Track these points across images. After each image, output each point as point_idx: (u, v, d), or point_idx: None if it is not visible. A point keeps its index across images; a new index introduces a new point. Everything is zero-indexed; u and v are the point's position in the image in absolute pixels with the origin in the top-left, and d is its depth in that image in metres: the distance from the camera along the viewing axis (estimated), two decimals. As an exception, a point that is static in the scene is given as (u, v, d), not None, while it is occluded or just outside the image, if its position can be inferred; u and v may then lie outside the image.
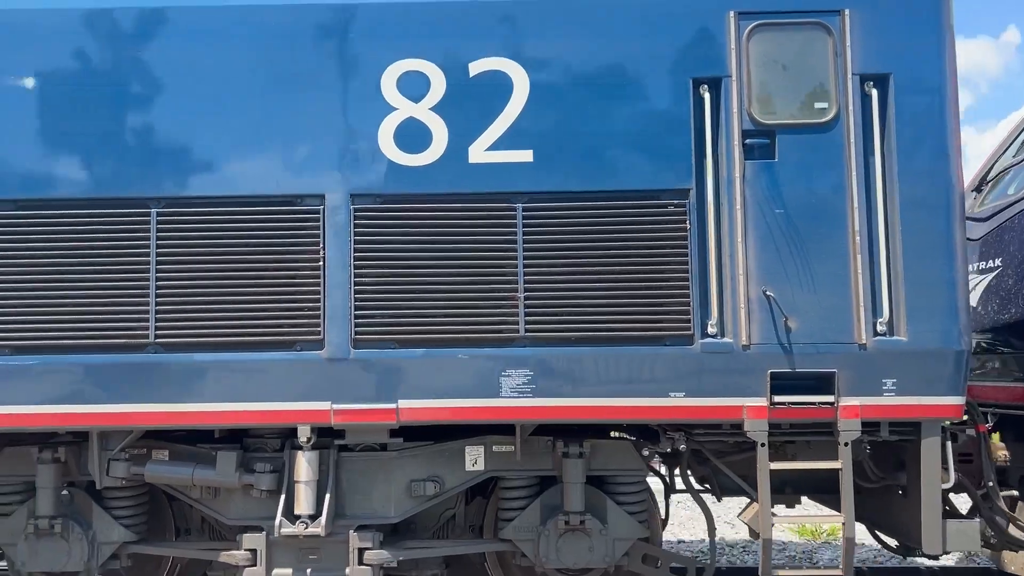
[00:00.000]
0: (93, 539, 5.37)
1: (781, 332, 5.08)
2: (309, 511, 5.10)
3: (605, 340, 5.06)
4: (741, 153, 5.14)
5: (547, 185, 5.14)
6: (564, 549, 5.30)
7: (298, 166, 5.15)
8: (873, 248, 5.12)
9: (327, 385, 5.05)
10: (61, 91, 5.18)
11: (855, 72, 5.19)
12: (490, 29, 5.23)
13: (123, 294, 5.08)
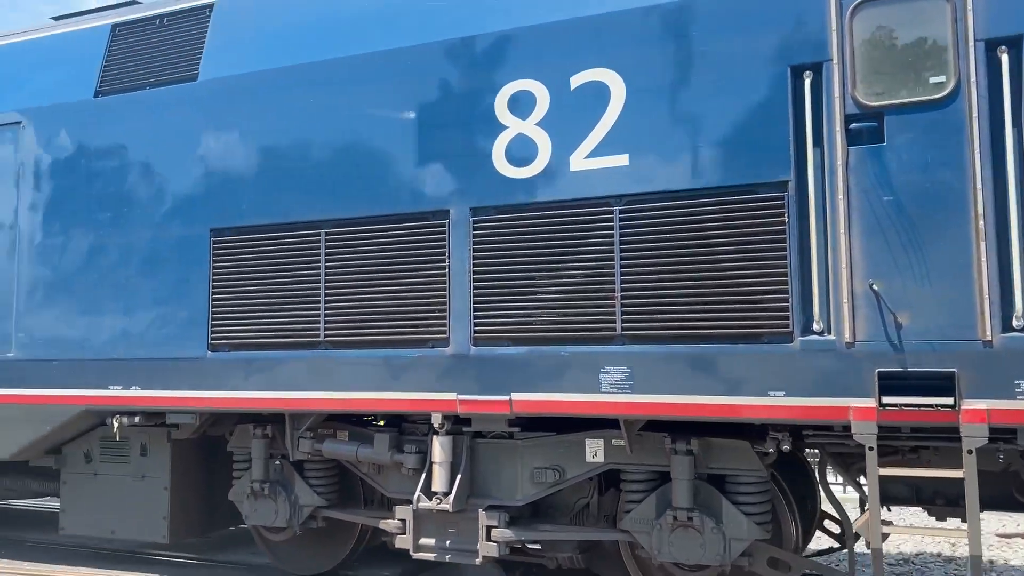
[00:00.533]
0: (295, 502, 6.56)
1: (890, 328, 4.73)
2: (443, 489, 5.78)
3: (701, 338, 5.09)
4: (844, 139, 4.87)
5: (643, 187, 5.30)
6: (676, 544, 5.39)
7: (428, 186, 5.86)
8: (1003, 234, 4.56)
9: (453, 378, 5.69)
10: (257, 144, 6.43)
11: (979, 38, 4.66)
12: (589, 42, 5.51)
13: (298, 302, 6.17)
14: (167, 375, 6.56)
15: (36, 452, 7.32)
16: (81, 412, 6.90)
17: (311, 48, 6.36)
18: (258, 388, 6.29)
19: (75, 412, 6.92)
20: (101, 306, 6.88)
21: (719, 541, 5.32)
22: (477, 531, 5.76)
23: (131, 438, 7.12)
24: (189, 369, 6.49)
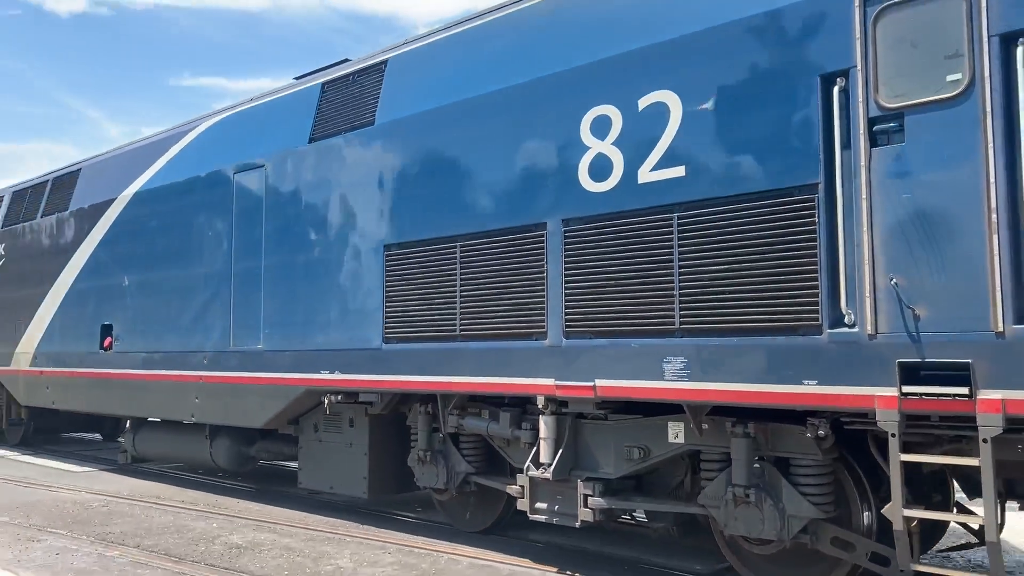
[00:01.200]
0: (451, 468, 7.88)
1: (909, 321, 4.93)
2: (547, 461, 6.76)
3: (746, 331, 5.59)
4: (867, 141, 5.13)
5: (696, 195, 5.88)
6: (740, 518, 5.90)
7: (531, 203, 6.87)
8: (1015, 227, 4.60)
9: (551, 366, 6.66)
10: (413, 174, 7.85)
11: (993, 33, 4.71)
12: (653, 67, 6.19)
13: (441, 303, 7.48)
14: (356, 362, 8.22)
15: (280, 422, 9.40)
16: (304, 392, 8.82)
17: (443, 95, 7.65)
18: (415, 373, 7.71)
19: (300, 391, 8.85)
20: (313, 307, 8.74)
21: (778, 518, 5.76)
22: (576, 498, 6.67)
23: (342, 413, 8.91)
24: (370, 358, 8.09)
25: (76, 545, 7.63)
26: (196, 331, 10.29)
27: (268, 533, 8.13)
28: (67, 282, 12.85)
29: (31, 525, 8.52)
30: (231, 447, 10.52)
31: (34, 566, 6.86)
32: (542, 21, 7.19)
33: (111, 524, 8.61)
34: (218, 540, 7.83)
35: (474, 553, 7.23)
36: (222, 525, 8.53)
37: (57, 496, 10.26)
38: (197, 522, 8.68)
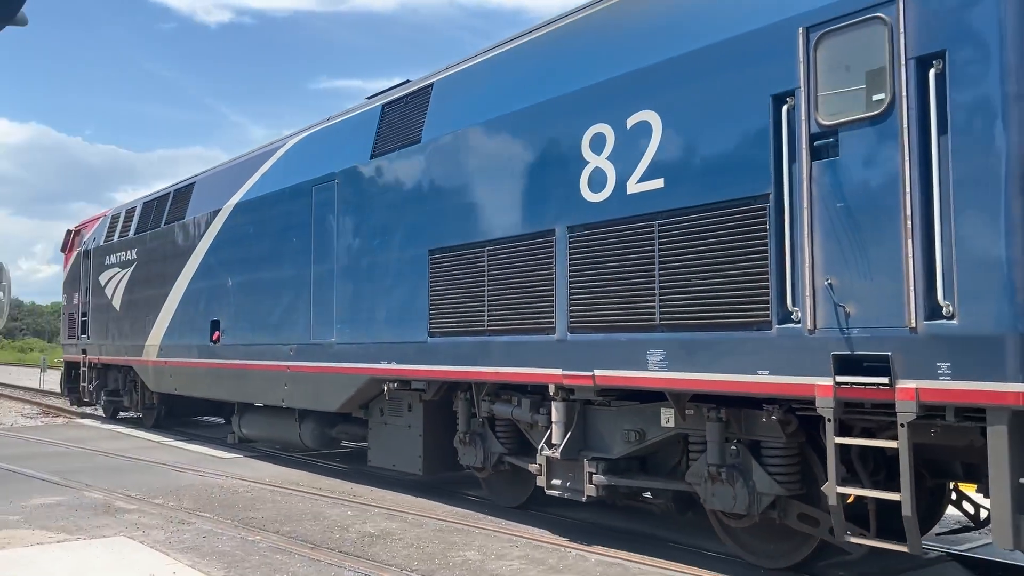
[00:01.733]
0: (488, 449, 8.81)
1: (841, 318, 5.48)
2: (558, 442, 7.58)
3: (713, 326, 6.24)
4: (809, 155, 5.69)
5: (673, 204, 6.55)
6: (717, 494, 6.55)
7: (543, 212, 7.69)
8: (927, 233, 5.08)
9: (559, 358, 7.46)
10: (450, 186, 8.80)
11: (910, 56, 5.21)
12: (638, 89, 6.89)
13: (473, 301, 8.40)
14: (408, 354, 9.27)
15: (352, 406, 10.58)
16: (368, 379, 9.96)
17: (472, 115, 8.57)
18: (454, 363, 8.68)
19: (365, 379, 10.00)
20: (374, 305, 9.86)
21: (747, 495, 6.38)
22: (583, 476, 7.46)
23: (403, 399, 9.99)
24: (417, 350, 9.13)
25: (221, 529, 8.00)
26: (284, 326, 11.64)
27: (399, 522, 8.36)
28: (184, 283, 14.59)
29: (182, 508, 9.09)
30: (315, 429, 11.83)
31: (183, 547, 7.24)
32: (550, 49, 7.99)
33: (254, 509, 9.00)
34: (352, 528, 8.08)
35: (602, 551, 7.18)
36: (356, 513, 8.81)
37: (206, 481, 10.89)
38: (333, 509, 9.00)
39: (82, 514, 8.58)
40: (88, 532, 7.76)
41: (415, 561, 6.87)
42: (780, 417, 6.08)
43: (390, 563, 6.81)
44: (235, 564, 6.70)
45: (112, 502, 9.28)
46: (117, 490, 10.03)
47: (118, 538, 7.53)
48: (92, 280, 18.99)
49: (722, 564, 6.86)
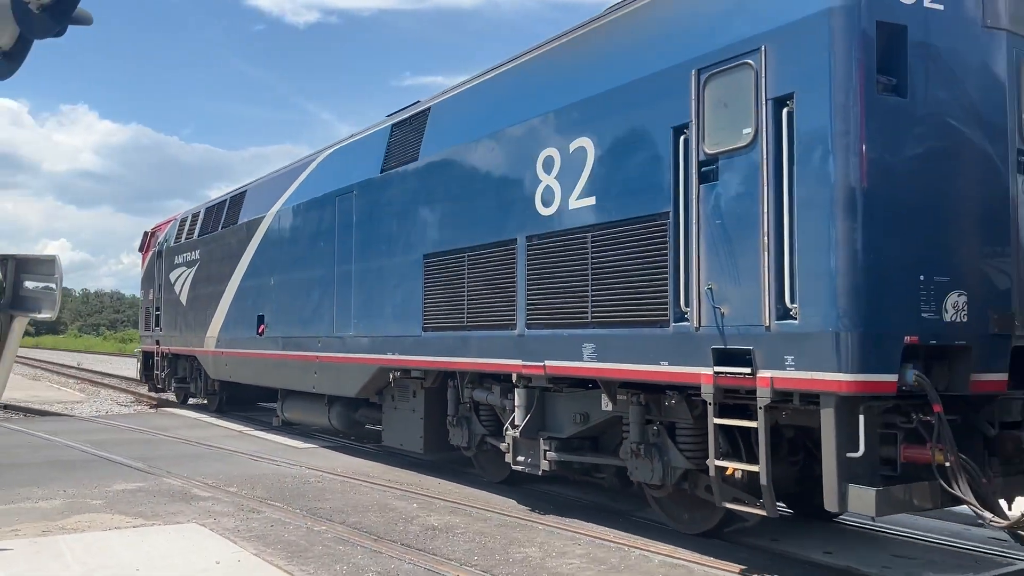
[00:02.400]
0: (472, 430, 10.00)
1: (718, 318, 6.48)
2: (520, 423, 8.72)
3: (629, 323, 7.30)
4: (698, 179, 6.70)
5: (602, 219, 7.63)
6: (639, 467, 7.60)
7: (507, 223, 8.83)
8: (779, 247, 6.05)
9: (519, 351, 8.61)
10: (438, 198, 10.03)
11: (769, 97, 6.17)
12: (578, 118, 7.97)
13: (456, 300, 9.61)
14: (407, 346, 10.55)
15: (368, 392, 11.93)
16: (377, 369, 11.29)
17: (454, 138, 9.77)
18: (442, 355, 9.91)
19: (375, 368, 11.33)
20: (382, 303, 11.18)
21: (661, 468, 7.41)
22: (540, 452, 8.59)
23: (409, 386, 11.27)
24: (414, 342, 10.39)
25: (289, 518, 8.20)
26: (314, 321, 13.08)
27: (463, 516, 8.43)
28: (236, 281, 16.24)
29: (254, 497, 9.32)
30: (342, 412, 13.24)
31: (251, 536, 7.43)
32: (515, 80, 9.13)
33: (322, 500, 9.19)
34: (416, 520, 8.17)
35: (667, 551, 7.11)
36: (421, 505, 8.94)
37: (280, 470, 11.23)
38: (399, 502, 9.14)
39: (160, 500, 9.04)
40: (163, 518, 8.14)
41: (475, 556, 6.88)
42: (677, 402, 7.10)
43: (450, 557, 6.85)
44: (298, 554, 6.88)
45: (189, 489, 9.73)
46: (195, 478, 10.46)
47: (190, 525, 7.84)
48: (164, 278, 20.95)
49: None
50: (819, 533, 7.92)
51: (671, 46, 7.12)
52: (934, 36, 5.95)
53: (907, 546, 7.55)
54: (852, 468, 5.71)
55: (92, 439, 14.10)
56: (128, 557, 6.64)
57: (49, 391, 26.57)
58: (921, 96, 5.89)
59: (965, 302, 5.85)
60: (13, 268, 3.85)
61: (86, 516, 8.16)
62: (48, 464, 11.50)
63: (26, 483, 9.84)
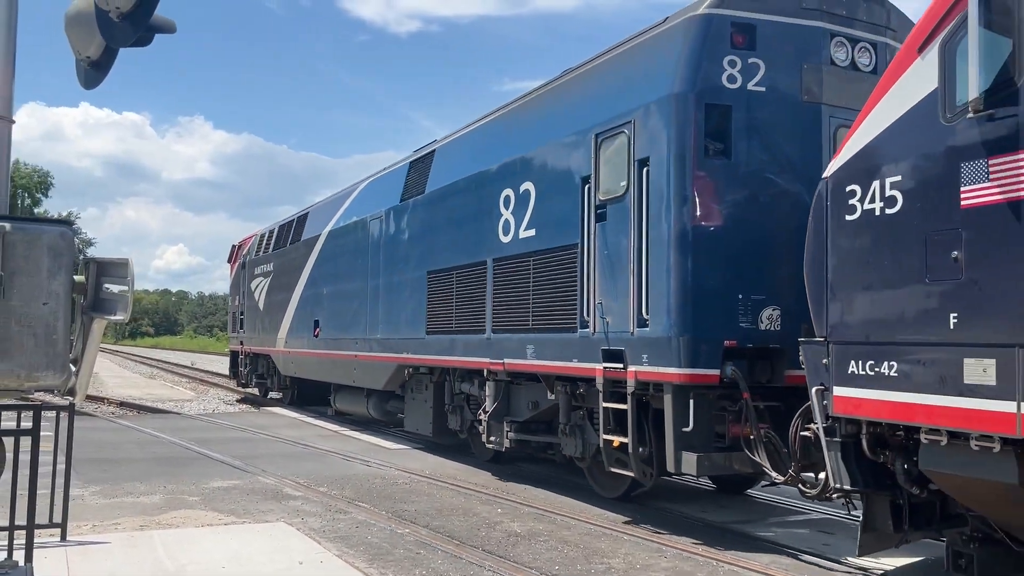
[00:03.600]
0: (463, 416, 12.15)
1: (605, 326, 8.44)
2: (489, 410, 10.82)
3: (555, 329, 9.32)
4: (595, 219, 8.68)
5: (540, 247, 9.66)
6: (567, 444, 9.59)
7: (481, 247, 10.95)
8: (640, 272, 7.98)
9: (487, 351, 10.71)
10: (437, 224, 12.23)
11: (636, 158, 8.12)
12: (525, 167, 10.03)
13: (448, 309, 11.78)
14: (415, 347, 12.80)
15: (393, 385, 14.24)
16: (396, 366, 13.58)
17: (448, 176, 11.95)
18: (438, 354, 12.10)
19: (395, 365, 13.63)
20: (400, 310, 13.47)
21: (582, 445, 9.39)
22: (503, 433, 10.67)
23: (423, 380, 13.51)
24: (419, 344, 12.63)
25: (374, 520, 8.27)
26: (353, 325, 15.51)
27: (547, 524, 8.30)
28: (299, 290, 18.89)
29: (343, 497, 9.46)
30: (377, 403, 15.61)
31: (335, 537, 7.51)
32: (491, 130, 11.25)
33: (408, 502, 9.25)
34: (499, 526, 8.07)
35: (760, 567, 6.83)
36: (506, 511, 8.83)
37: (370, 471, 11.40)
38: (484, 506, 9.10)
39: (252, 498, 9.26)
40: (253, 516, 8.33)
41: (556, 566, 6.77)
42: (587, 391, 9.07)
43: (531, 566, 6.76)
44: (379, 556, 6.92)
45: (281, 488, 9.95)
46: (288, 477, 10.71)
47: (279, 524, 7.98)
48: (246, 286, 23.93)
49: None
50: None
51: (581, 114, 9.12)
52: (756, 111, 7.78)
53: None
54: (686, 439, 7.61)
55: (196, 437, 14.67)
56: (216, 554, 6.80)
57: (162, 389, 28.51)
58: (744, 157, 7.73)
59: (779, 315, 7.65)
60: (94, 271, 3.82)
61: (182, 512, 8.47)
62: (153, 460, 12.09)
63: (131, 478, 10.36)
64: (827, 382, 6.19)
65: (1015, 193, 4.96)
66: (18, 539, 5.88)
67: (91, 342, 3.79)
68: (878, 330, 5.79)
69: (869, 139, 5.96)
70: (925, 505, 6.22)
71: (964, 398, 5.16)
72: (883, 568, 6.90)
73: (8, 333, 3.48)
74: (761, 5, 7.85)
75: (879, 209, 5.80)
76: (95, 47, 4.13)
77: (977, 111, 5.13)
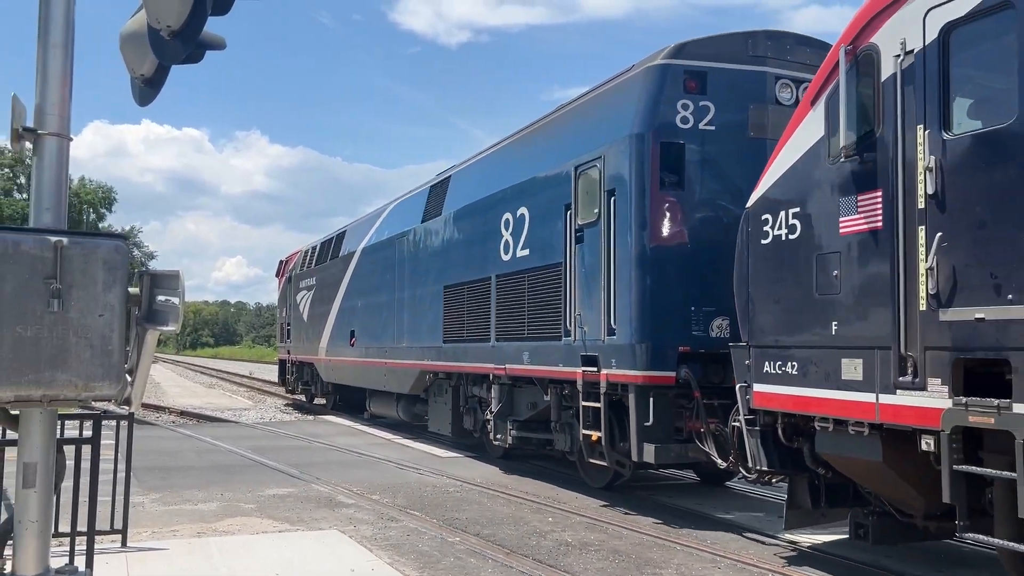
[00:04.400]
0: (477, 417, 13.44)
1: (583, 335, 9.67)
2: (495, 410, 12.09)
3: (545, 337, 10.56)
4: (575, 241, 9.92)
5: (534, 264, 10.93)
6: (559, 440, 10.81)
7: (486, 265, 12.26)
8: (609, 288, 9.20)
9: (492, 357, 11.99)
10: (450, 243, 13.59)
11: (605, 189, 9.34)
12: (521, 193, 11.32)
13: (460, 320, 13.11)
14: (433, 354, 14.14)
15: (417, 389, 15.60)
16: (419, 371, 14.95)
17: (461, 200, 13.31)
18: (452, 361, 13.42)
19: (418, 372, 15.00)
20: (422, 321, 14.84)
21: (570, 440, 10.60)
22: (507, 431, 11.93)
23: (443, 384, 14.84)
24: (437, 351, 13.97)
25: (425, 528, 8.33)
26: (383, 334, 16.94)
27: (599, 533, 8.26)
28: (338, 302, 20.42)
29: (395, 505, 9.51)
30: (405, 406, 16.99)
31: (387, 544, 7.55)
32: (495, 160, 12.56)
33: (459, 510, 9.27)
34: (549, 535, 8.08)
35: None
36: (557, 520, 8.82)
37: (422, 479, 11.48)
38: (534, 515, 9.08)
39: (306, 506, 9.41)
40: (307, 524, 8.44)
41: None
42: (571, 392, 10.29)
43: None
44: (430, 564, 6.96)
45: (335, 496, 10.07)
46: (342, 484, 10.81)
47: (331, 531, 8.08)
48: (292, 299, 25.62)
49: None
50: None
51: (564, 149, 10.38)
52: (707, 147, 8.95)
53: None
54: (647, 432, 8.79)
55: (253, 445, 14.91)
56: (271, 561, 6.91)
57: (221, 398, 29.54)
58: (696, 187, 8.90)
59: (727, 324, 8.77)
60: (148, 283, 3.83)
61: (238, 519, 8.59)
62: (211, 468, 12.27)
63: (189, 486, 10.60)
64: (749, 380, 7.34)
65: (874, 223, 6.09)
66: (79, 545, 6.11)
67: (145, 352, 3.83)
68: (784, 335, 6.94)
69: (777, 176, 7.12)
70: (840, 486, 7.32)
71: (842, 391, 6.29)
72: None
73: (66, 344, 3.55)
74: (712, 54, 9.02)
75: (784, 235, 6.95)
76: (148, 65, 4.22)
77: (848, 155, 6.28)
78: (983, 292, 5.26)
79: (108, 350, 3.61)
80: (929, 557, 7.44)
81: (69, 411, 5.25)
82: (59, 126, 3.78)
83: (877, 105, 6.14)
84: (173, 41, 3.79)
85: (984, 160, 5.33)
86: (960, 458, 5.45)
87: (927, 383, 5.62)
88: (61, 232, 3.61)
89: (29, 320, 3.47)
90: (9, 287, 3.45)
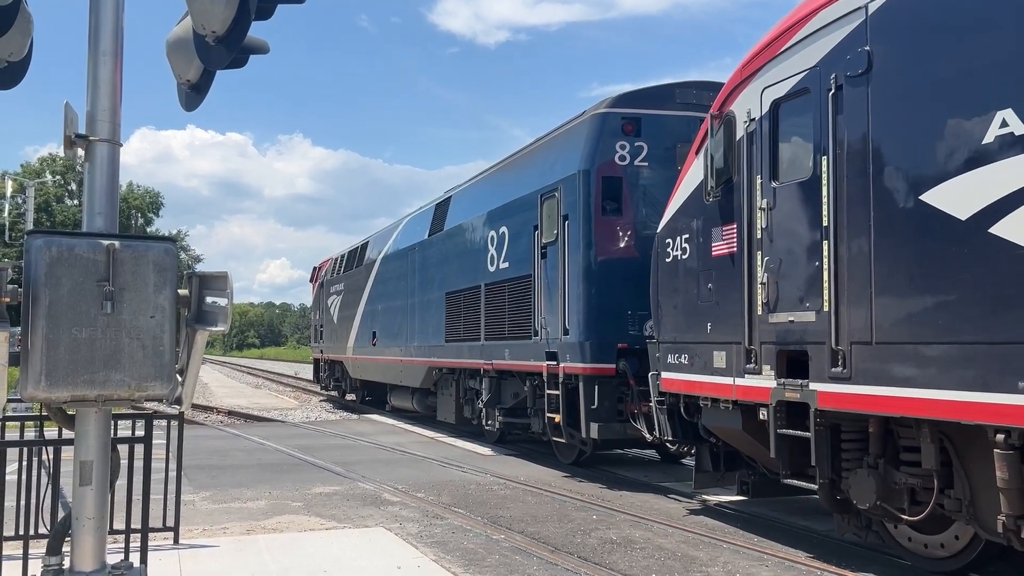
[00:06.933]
0: (476, 407, 15.52)
1: (547, 334, 11.67)
2: (485, 399, 14.12)
3: (519, 336, 12.58)
4: (540, 257, 11.93)
5: (512, 275, 12.96)
6: (534, 422, 12.80)
7: (477, 275, 14.30)
8: (564, 296, 11.19)
9: (482, 354, 14.02)
10: (446, 255, 15.67)
11: (561, 214, 11.34)
12: (501, 215, 13.35)
13: (458, 322, 15.17)
14: (438, 352, 16.22)
15: (427, 384, 17.68)
16: (428, 368, 17.05)
17: (456, 219, 15.38)
18: (451, 357, 15.49)
19: (426, 367, 17.10)
20: (428, 323, 16.94)
21: (542, 422, 12.59)
22: (495, 418, 13.96)
23: (448, 379, 16.91)
24: (441, 349, 16.06)
25: (470, 526, 8.36)
26: (399, 335, 19.09)
27: (643, 531, 8.27)
28: (362, 306, 22.64)
29: (440, 503, 9.59)
30: (419, 398, 19.11)
31: (432, 542, 7.64)
32: (483, 184, 14.61)
33: (503, 508, 9.33)
34: (594, 533, 8.12)
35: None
36: (601, 518, 8.86)
37: (466, 477, 11.59)
38: (579, 512, 9.14)
39: (352, 504, 9.46)
40: (353, 521, 8.52)
41: (653, 574, 6.75)
42: (539, 383, 12.28)
43: (627, 574, 6.74)
44: (475, 562, 7.00)
45: (380, 494, 10.13)
46: (387, 483, 10.93)
47: (377, 529, 8.15)
48: (324, 303, 27.94)
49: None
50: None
51: (533, 179, 12.40)
52: (642, 179, 10.89)
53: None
54: (593, 414, 10.77)
55: (299, 444, 15.23)
56: (318, 558, 6.97)
57: (268, 398, 30.36)
58: (632, 213, 10.85)
59: (658, 325, 10.70)
60: (197, 285, 3.85)
61: (286, 517, 8.71)
62: (258, 467, 12.45)
63: (238, 485, 10.75)
64: (659, 369, 9.29)
65: (732, 249, 8.01)
66: (133, 542, 6.27)
67: (195, 353, 3.85)
68: (680, 334, 8.87)
69: (675, 208, 9.06)
70: (735, 454, 9.23)
71: (715, 376, 8.22)
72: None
73: (119, 345, 3.56)
74: (645, 103, 10.97)
75: (679, 255, 8.89)
76: (194, 70, 4.26)
77: (715, 196, 8.20)
78: (792, 302, 7.17)
79: (159, 351, 3.65)
80: (805, 508, 9.31)
81: (120, 411, 5.37)
82: (110, 132, 3.80)
83: (734, 159, 8.05)
84: (218, 46, 3.86)
85: (792, 204, 7.24)
86: (784, 424, 7.36)
87: (763, 369, 7.54)
88: (113, 236, 3.66)
89: (84, 322, 3.50)
90: (64, 290, 3.48)
